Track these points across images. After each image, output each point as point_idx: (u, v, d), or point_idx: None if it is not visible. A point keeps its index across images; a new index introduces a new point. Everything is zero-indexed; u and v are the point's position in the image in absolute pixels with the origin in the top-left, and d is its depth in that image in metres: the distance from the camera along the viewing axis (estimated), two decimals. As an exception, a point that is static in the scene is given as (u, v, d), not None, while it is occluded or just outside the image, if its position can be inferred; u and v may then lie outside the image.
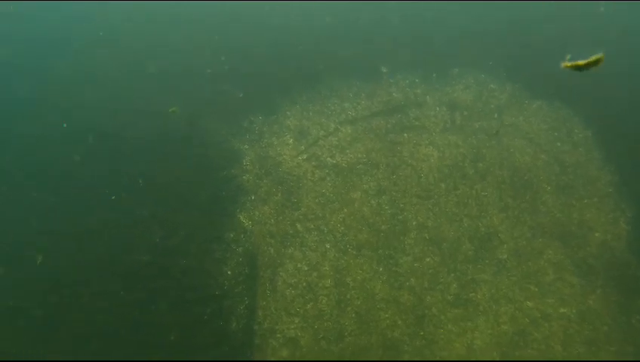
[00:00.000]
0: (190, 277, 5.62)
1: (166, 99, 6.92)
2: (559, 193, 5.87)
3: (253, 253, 5.76)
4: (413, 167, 5.97)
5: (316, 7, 7.73)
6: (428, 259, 5.76)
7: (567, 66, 3.92)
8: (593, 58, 3.92)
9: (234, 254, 5.75)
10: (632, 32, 7.10)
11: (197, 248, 5.76)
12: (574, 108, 6.25)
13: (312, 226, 5.82)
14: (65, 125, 6.68)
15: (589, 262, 5.70)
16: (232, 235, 5.84)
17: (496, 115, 6.20)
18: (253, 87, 6.92)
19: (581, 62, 3.98)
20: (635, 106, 6.23)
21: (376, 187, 5.92)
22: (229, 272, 5.65)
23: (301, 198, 5.92)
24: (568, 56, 3.87)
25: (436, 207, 5.86)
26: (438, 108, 6.22)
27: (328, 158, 6.05)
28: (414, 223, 5.83)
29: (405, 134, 6.12)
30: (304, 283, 5.65)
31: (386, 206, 5.86)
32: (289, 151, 6.17)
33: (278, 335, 5.46)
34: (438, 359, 5.53)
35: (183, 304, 5.50)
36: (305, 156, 6.08)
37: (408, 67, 6.60)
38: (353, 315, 5.59)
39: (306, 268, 5.71)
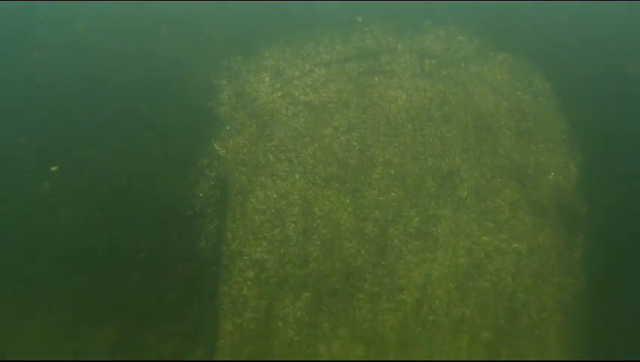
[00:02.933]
0: (163, 198, 5.82)
1: (150, 43, 7.10)
2: (518, 138, 6.23)
3: (225, 178, 5.99)
4: (382, 107, 6.27)
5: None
6: (392, 194, 6.06)
7: None
8: None
9: (207, 178, 5.98)
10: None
11: (171, 173, 5.96)
12: (537, 61, 6.63)
13: (284, 157, 6.08)
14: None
15: (542, 202, 6.07)
16: (205, 161, 6.06)
17: (463, 64, 6.55)
18: (234, 30, 7.13)
19: None
20: (591, 63, 6.65)
21: (346, 124, 6.20)
22: (200, 195, 5.87)
23: (274, 131, 6.18)
24: None
25: (402, 145, 6.18)
26: (408, 56, 6.53)
27: (302, 96, 6.32)
28: (381, 159, 6.12)
29: (376, 78, 6.42)
30: (273, 210, 5.90)
31: (354, 142, 6.15)
32: (265, 88, 6.41)
33: (245, 257, 5.69)
34: (398, 291, 5.82)
35: (154, 223, 5.70)
36: (280, 93, 6.34)
37: (383, 18, 6.91)
38: (319, 243, 5.85)
39: (275, 196, 5.96)
